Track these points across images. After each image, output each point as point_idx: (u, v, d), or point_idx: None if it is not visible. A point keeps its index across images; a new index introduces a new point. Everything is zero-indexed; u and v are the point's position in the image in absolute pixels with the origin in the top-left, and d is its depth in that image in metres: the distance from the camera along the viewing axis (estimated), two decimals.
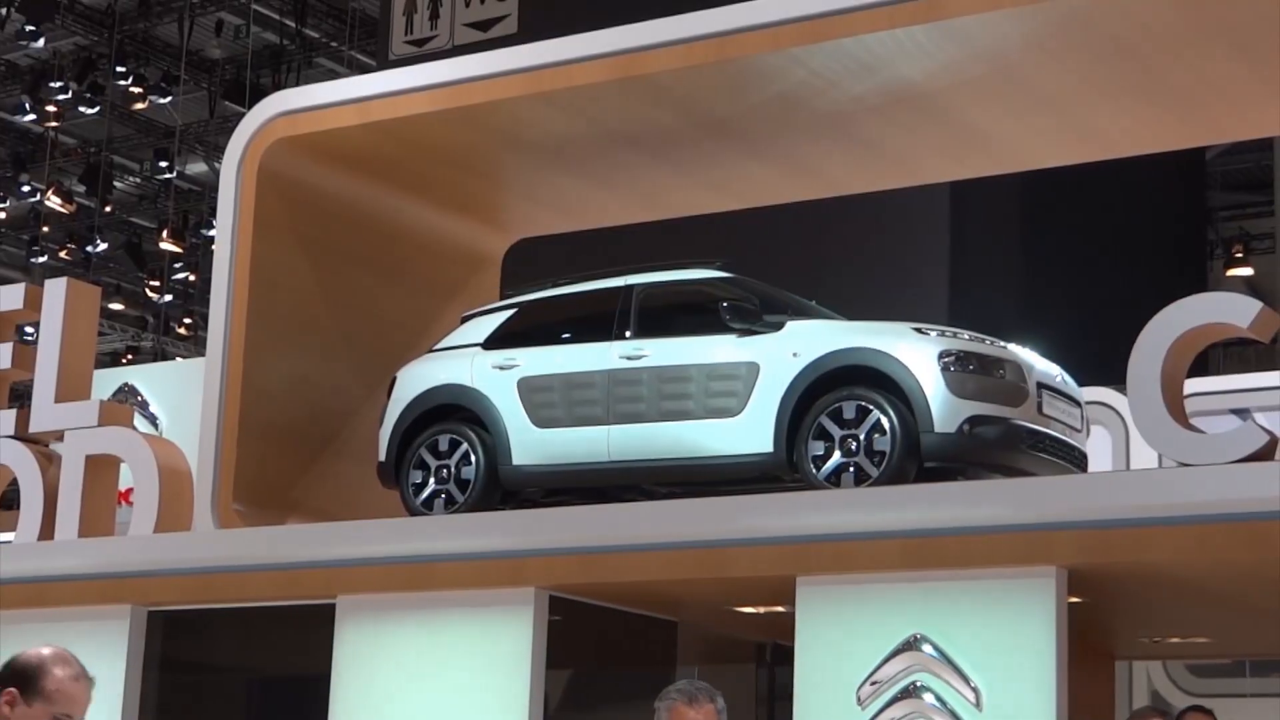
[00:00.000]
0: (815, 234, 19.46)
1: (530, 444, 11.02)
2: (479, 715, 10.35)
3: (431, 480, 11.28)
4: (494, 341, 11.49)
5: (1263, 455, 8.81)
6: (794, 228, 18.70)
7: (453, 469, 11.22)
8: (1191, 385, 9.64)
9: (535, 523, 10.60)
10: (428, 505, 11.25)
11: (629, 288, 11.16)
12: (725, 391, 10.42)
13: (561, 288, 11.63)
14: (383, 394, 11.89)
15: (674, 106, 11.78)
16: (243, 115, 13.13)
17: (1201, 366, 11.86)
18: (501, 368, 11.26)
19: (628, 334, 10.94)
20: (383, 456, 11.57)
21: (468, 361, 11.44)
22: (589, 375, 10.90)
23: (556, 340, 11.27)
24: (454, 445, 11.26)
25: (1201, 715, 10.99)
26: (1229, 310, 9.28)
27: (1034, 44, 10.78)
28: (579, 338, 11.17)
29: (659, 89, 11.55)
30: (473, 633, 10.51)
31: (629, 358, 10.80)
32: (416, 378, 11.65)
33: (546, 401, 11.02)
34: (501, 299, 12.60)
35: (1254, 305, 9.22)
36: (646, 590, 10.49)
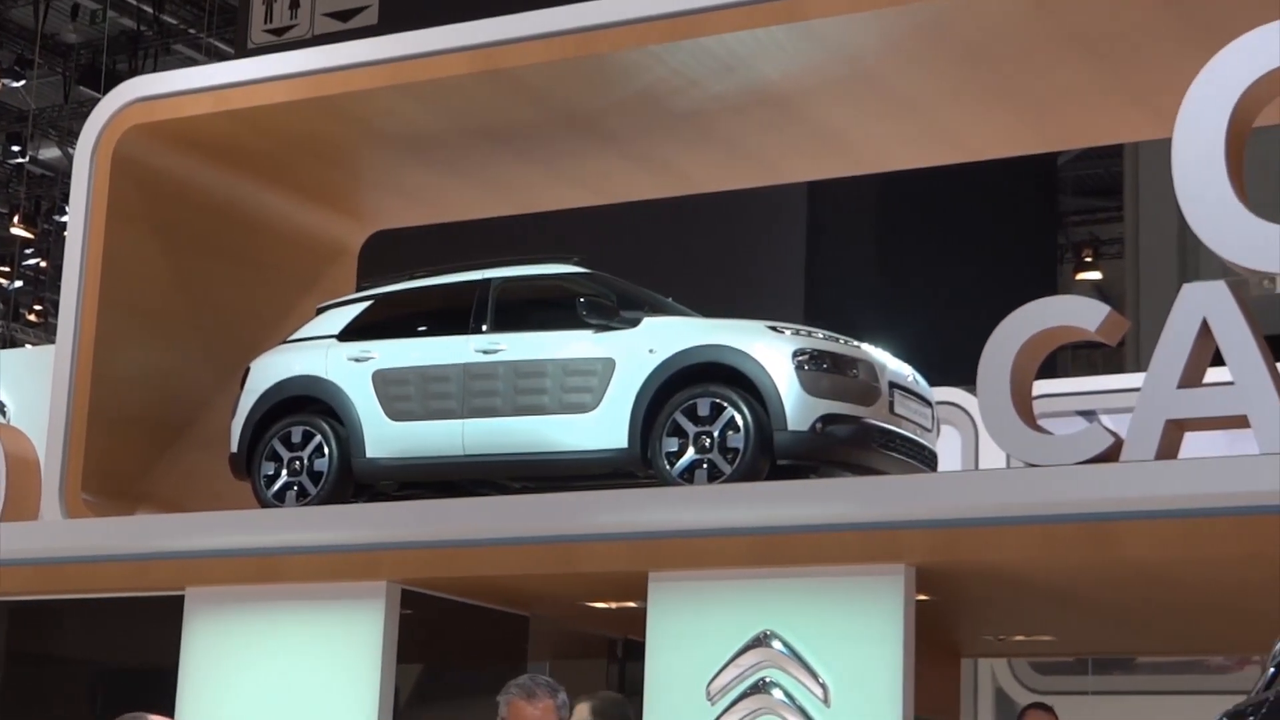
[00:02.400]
0: (674, 231, 19.52)
1: (384, 437, 10.98)
2: (329, 709, 10.30)
3: (284, 472, 11.21)
4: (349, 333, 11.44)
5: (1108, 457, 8.95)
6: (653, 224, 18.76)
7: (305, 461, 11.15)
8: (1040, 387, 9.77)
9: (387, 516, 10.57)
10: (279, 497, 11.18)
11: (486, 281, 11.15)
12: (581, 387, 10.44)
13: (418, 280, 11.59)
14: (236, 384, 11.80)
15: (535, 101, 11.78)
16: (98, 101, 12.97)
17: (1050, 368, 12.02)
18: (357, 360, 11.21)
19: (484, 328, 10.93)
20: (235, 447, 11.48)
21: (322, 353, 11.38)
22: (444, 369, 10.87)
23: (412, 333, 11.24)
24: (307, 437, 11.20)
25: (1042, 713, 11.13)
26: (1077, 313, 9.41)
27: (892, 47, 10.89)
28: (435, 331, 11.14)
29: (520, 83, 11.55)
30: (323, 626, 10.46)
31: (485, 352, 10.79)
32: (270, 369, 11.57)
33: (401, 394, 10.98)
34: (358, 290, 12.54)
35: (1102, 309, 9.36)
36: (498, 585, 10.48)
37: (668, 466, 10.07)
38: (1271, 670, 3.77)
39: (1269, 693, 3.62)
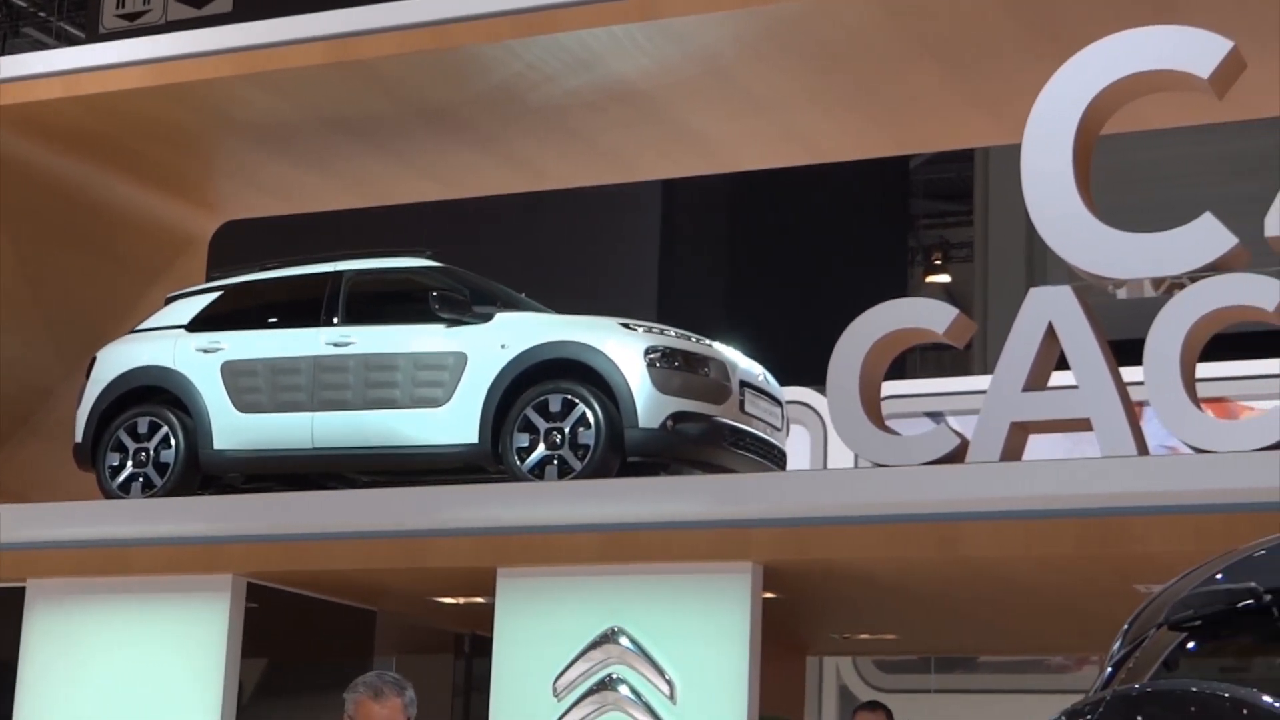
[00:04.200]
0: (528, 226, 19.51)
1: (232, 429, 10.88)
2: (172, 703, 10.20)
3: (129, 463, 11.08)
4: (199, 324, 11.32)
5: (954, 457, 9.06)
6: (507, 220, 18.74)
7: (151, 452, 11.03)
8: (888, 388, 9.87)
9: (233, 508, 10.48)
10: (124, 488, 11.04)
11: (338, 274, 11.09)
12: (432, 381, 10.40)
13: (269, 272, 11.50)
14: (82, 374, 11.63)
15: (390, 93, 11.73)
16: None
17: (898, 370, 12.15)
18: (205, 351, 11.10)
19: (335, 321, 10.87)
20: (79, 438, 11.33)
21: (171, 343, 11.26)
22: (294, 361, 10.80)
23: (263, 324, 11.15)
24: (154, 428, 11.07)
25: (870, 713, 11.16)
26: (926, 316, 9.52)
27: (747, 48, 10.95)
28: (286, 323, 11.06)
29: (375, 75, 11.49)
30: (168, 619, 10.35)
31: (336, 344, 10.73)
32: (117, 358, 11.42)
33: (250, 386, 10.89)
34: (208, 281, 12.42)
35: (950, 312, 9.48)
36: (345, 579, 10.43)
37: (518, 462, 10.06)
38: (1109, 670, 3.84)
39: (1106, 691, 3.68)
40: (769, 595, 9.42)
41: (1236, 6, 9.91)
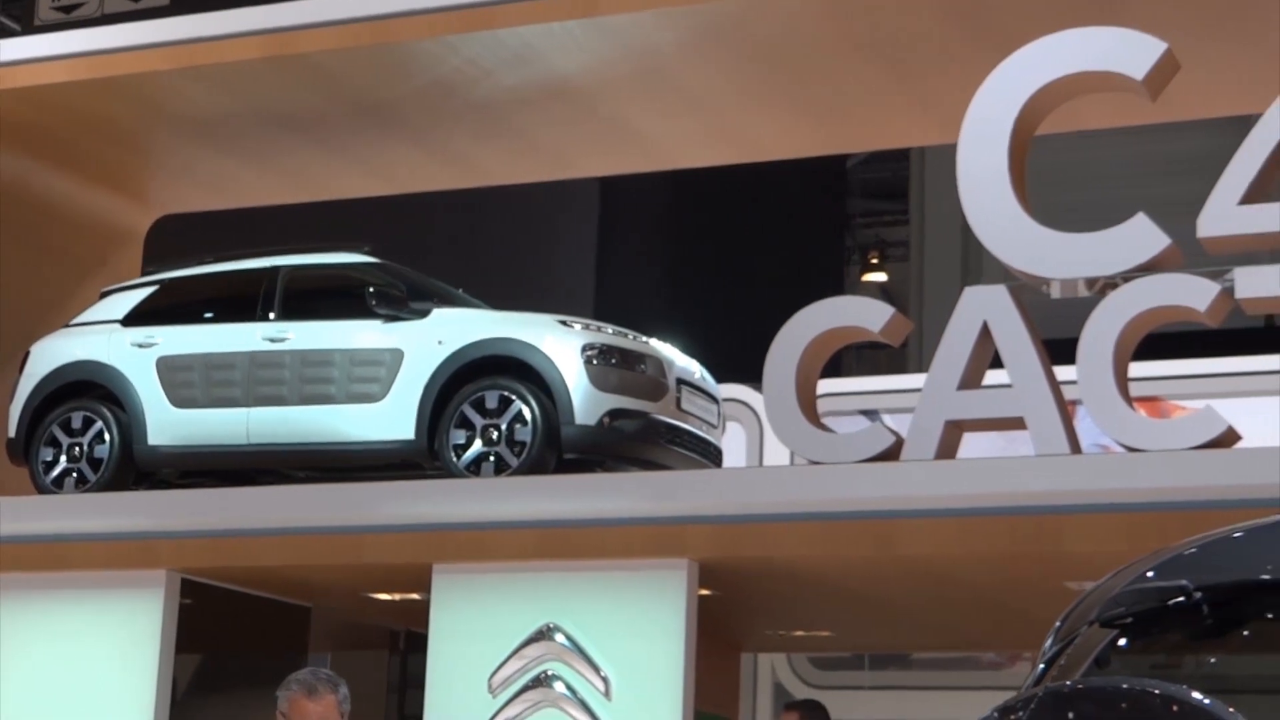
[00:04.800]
0: (466, 223, 19.48)
1: (167, 424, 10.83)
2: (106, 699, 10.15)
3: (63, 458, 11.01)
4: (134, 319, 11.27)
5: (889, 455, 9.10)
6: (445, 216, 18.71)
7: (86, 447, 10.97)
8: (823, 386, 9.90)
9: (168, 504, 10.43)
10: (58, 484, 10.97)
11: (274, 269, 11.05)
12: (368, 377, 10.38)
13: (206, 266, 11.46)
14: (15, 368, 11.55)
15: (328, 88, 11.69)
16: None
17: (834, 368, 12.19)
18: (141, 345, 11.04)
19: (272, 316, 10.83)
20: (12, 433, 11.25)
21: (105, 338, 11.20)
22: (230, 356, 10.76)
23: (199, 320, 11.10)
24: (88, 423, 11.01)
25: (794, 713, 11.13)
26: (862, 314, 9.56)
27: (685, 45, 10.97)
28: (222, 318, 11.02)
29: (312, 69, 11.46)
30: (102, 615, 10.30)
31: (272, 340, 10.69)
32: (51, 353, 11.35)
33: (185, 381, 10.84)
34: (143, 275, 12.35)
35: (886, 310, 9.52)
36: (281, 575, 10.40)
37: (454, 458, 10.05)
38: (1041, 666, 3.87)
39: (1038, 688, 3.72)
40: (705, 592, 9.44)
41: (1171, 8, 9.99)
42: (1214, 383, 13.64)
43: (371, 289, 10.53)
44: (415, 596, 10.42)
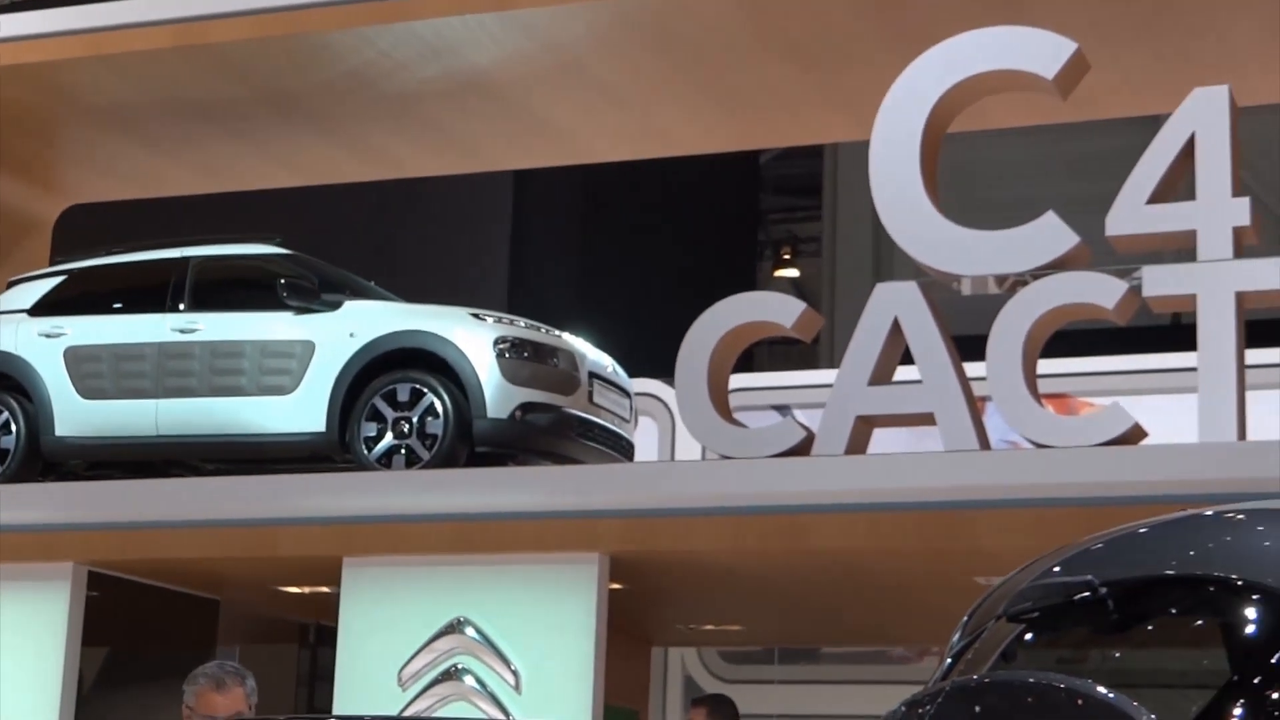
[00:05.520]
0: (379, 215, 19.39)
1: (75, 415, 10.73)
2: (11, 693, 10.05)
3: None
4: (41, 308, 11.16)
5: (800, 450, 9.13)
6: (358, 208, 18.62)
7: None
8: (736, 380, 9.93)
9: (75, 496, 10.34)
10: None
11: (185, 260, 10.97)
12: (279, 369, 10.33)
13: (115, 256, 11.36)
14: None
15: (240, 78, 11.62)
16: None
17: (746, 363, 12.22)
18: (48, 335, 10.94)
19: (181, 307, 10.75)
20: None
21: (12, 328, 11.08)
22: (139, 347, 10.68)
23: (107, 310, 11.01)
24: None
25: (701, 708, 11.11)
26: (774, 309, 9.59)
27: (600, 40, 10.97)
28: (131, 308, 10.93)
29: (225, 59, 11.38)
30: (7, 607, 10.19)
31: (182, 331, 10.62)
32: None
33: (94, 372, 10.75)
34: (51, 265, 12.23)
35: (798, 305, 9.54)
36: (189, 568, 10.33)
37: (365, 451, 10.02)
38: (949, 661, 3.89)
39: (945, 682, 3.74)
40: (615, 586, 9.45)
41: (1082, 9, 10.08)
42: (1121, 380, 13.75)
43: (283, 281, 10.47)
44: (325, 589, 10.38)
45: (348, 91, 11.75)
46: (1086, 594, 3.56)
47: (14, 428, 10.82)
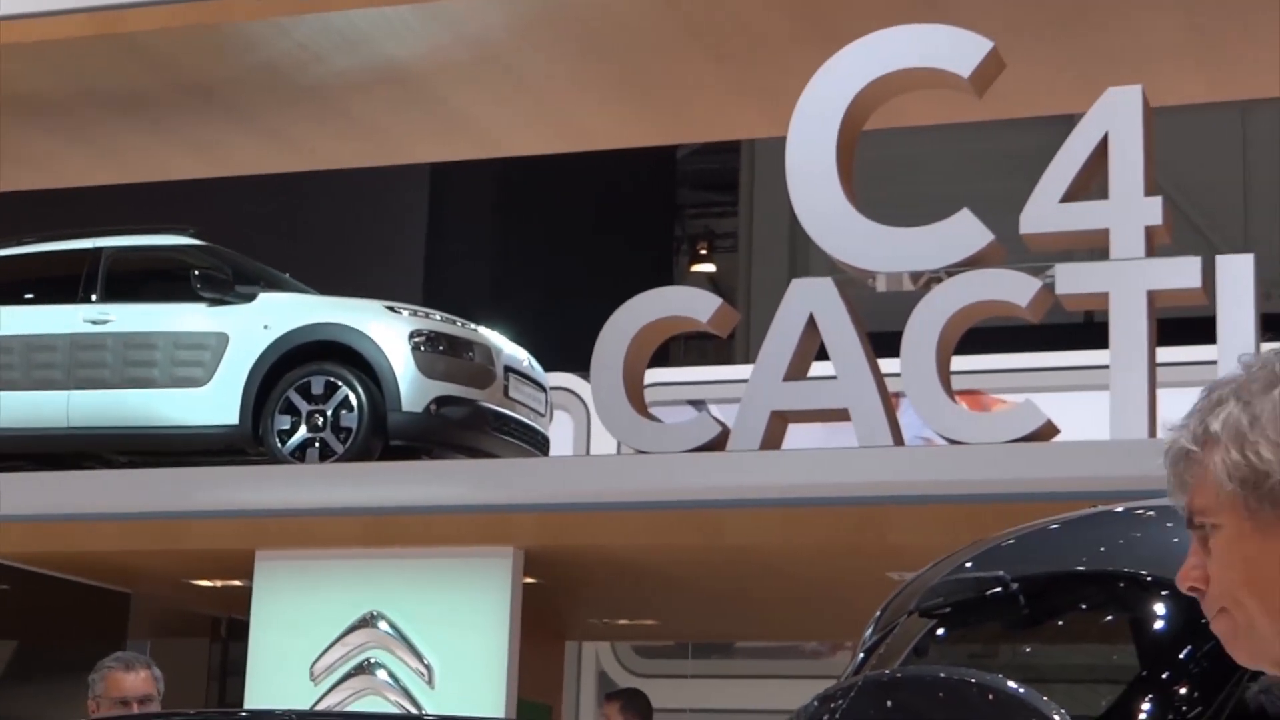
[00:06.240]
0: (294, 207, 19.30)
1: None
2: None
3: None
4: None
5: (715, 445, 9.15)
6: (273, 199, 18.51)
7: None
8: (651, 375, 9.95)
9: None
10: None
11: (97, 250, 10.88)
12: (192, 361, 10.27)
13: (25, 246, 11.25)
14: None
15: (155, 68, 11.53)
16: None
17: (662, 357, 12.24)
18: None
19: (94, 297, 10.67)
20: None
21: None
22: (50, 338, 10.58)
23: (18, 300, 10.91)
24: None
25: (616, 703, 11.10)
26: (690, 304, 9.61)
27: (517, 33, 10.95)
28: (42, 299, 10.84)
29: (140, 49, 11.29)
30: None
31: (94, 322, 10.54)
32: None
33: (4, 363, 10.64)
34: None
35: (714, 301, 9.57)
36: (99, 560, 10.25)
37: (279, 444, 9.97)
38: (861, 655, 3.91)
39: (858, 677, 3.75)
40: (529, 580, 9.44)
41: (998, 8, 10.14)
42: (1034, 377, 13.84)
43: (196, 272, 10.41)
44: (237, 583, 10.32)
45: (263, 82, 11.68)
46: (998, 590, 3.58)
47: None
